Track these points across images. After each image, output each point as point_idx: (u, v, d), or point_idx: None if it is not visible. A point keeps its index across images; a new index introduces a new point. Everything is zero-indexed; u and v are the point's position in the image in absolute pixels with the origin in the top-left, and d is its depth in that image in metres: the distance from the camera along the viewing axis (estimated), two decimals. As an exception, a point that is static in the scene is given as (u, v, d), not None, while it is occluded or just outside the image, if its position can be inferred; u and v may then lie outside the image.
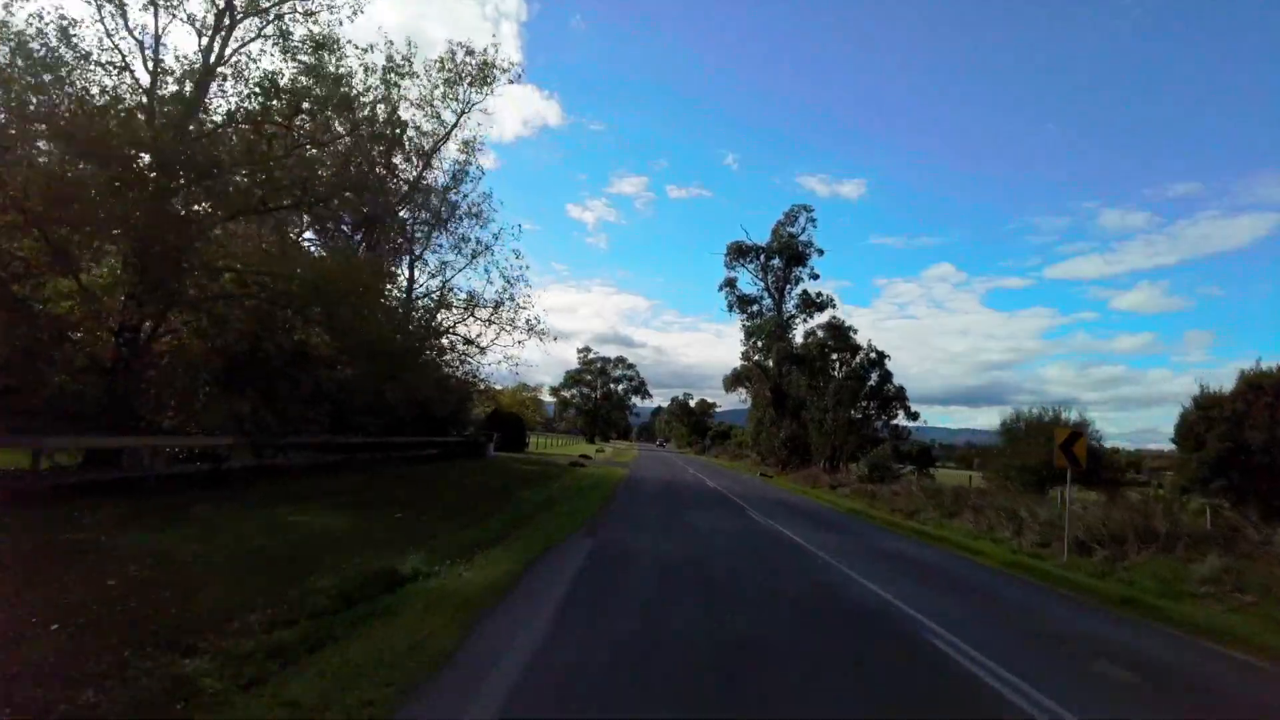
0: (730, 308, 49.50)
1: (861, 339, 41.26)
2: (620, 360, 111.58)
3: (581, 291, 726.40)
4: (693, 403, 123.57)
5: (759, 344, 47.42)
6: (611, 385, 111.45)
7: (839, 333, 39.74)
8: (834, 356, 39.51)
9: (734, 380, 54.94)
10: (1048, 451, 21.24)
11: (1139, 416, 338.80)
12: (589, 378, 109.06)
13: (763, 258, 48.30)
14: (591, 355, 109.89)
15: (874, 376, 39.16)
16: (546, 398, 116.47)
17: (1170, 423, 23.88)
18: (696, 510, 16.83)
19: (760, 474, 41.32)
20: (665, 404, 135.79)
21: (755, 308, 49.04)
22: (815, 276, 48.06)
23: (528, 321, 28.23)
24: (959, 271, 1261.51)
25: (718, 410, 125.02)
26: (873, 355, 39.52)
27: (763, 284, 48.91)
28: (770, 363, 47.51)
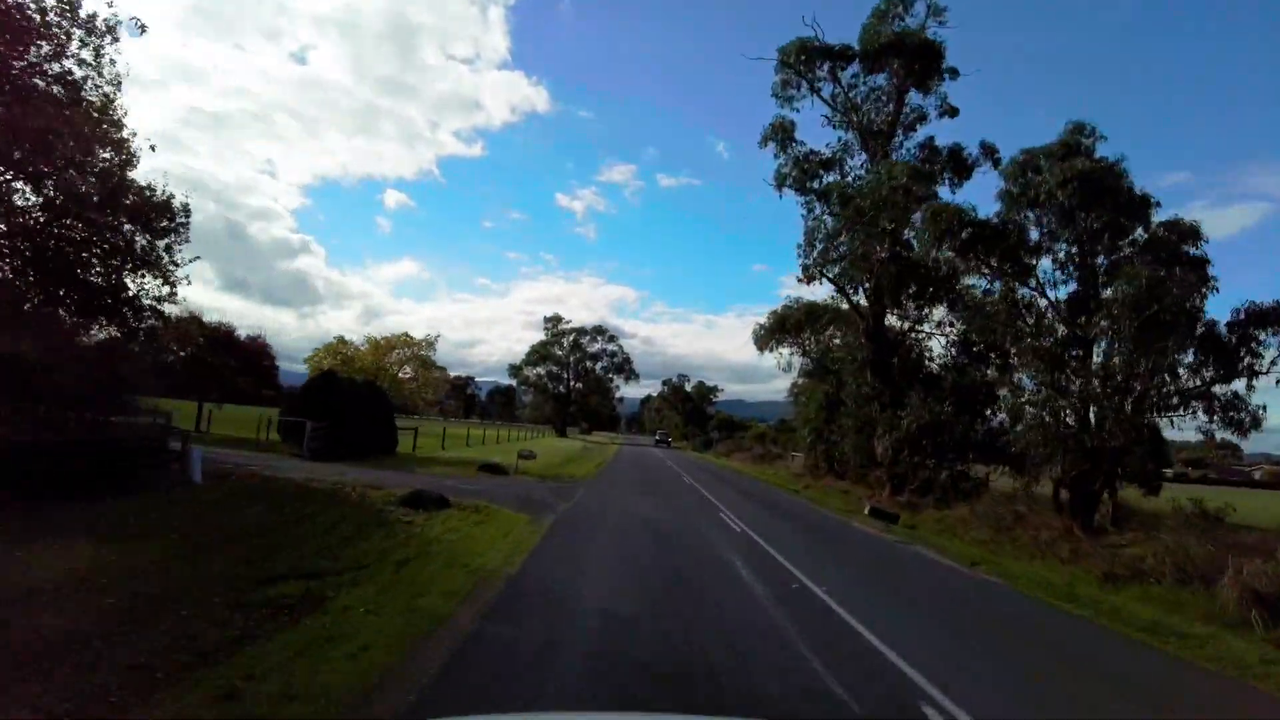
0: (781, 181, 25.47)
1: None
2: (598, 330, 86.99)
3: (570, 282, 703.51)
4: (689, 386, 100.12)
5: (839, 246, 23.73)
6: (589, 364, 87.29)
7: (1091, 180, 15.52)
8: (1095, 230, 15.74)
9: (774, 329, 31.22)
10: None
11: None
12: (559, 353, 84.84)
13: (854, 69, 24.45)
14: (562, 325, 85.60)
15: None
16: (506, 379, 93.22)
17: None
18: None
19: (868, 510, 18.09)
20: (657, 392, 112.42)
21: (830, 178, 25.29)
22: (951, 112, 24.47)
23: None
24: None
25: (719, 399, 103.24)
26: (1166, 232, 16.10)
27: (848, 125, 24.93)
28: (865, 291, 24.09)
